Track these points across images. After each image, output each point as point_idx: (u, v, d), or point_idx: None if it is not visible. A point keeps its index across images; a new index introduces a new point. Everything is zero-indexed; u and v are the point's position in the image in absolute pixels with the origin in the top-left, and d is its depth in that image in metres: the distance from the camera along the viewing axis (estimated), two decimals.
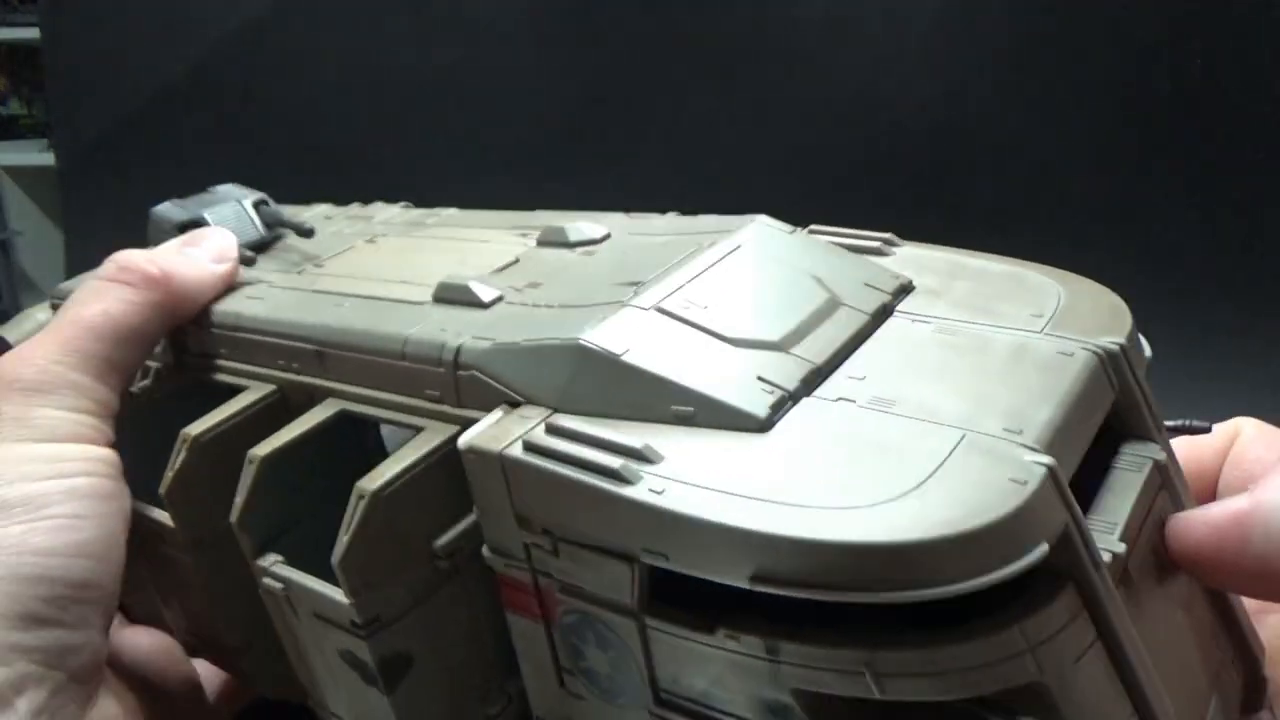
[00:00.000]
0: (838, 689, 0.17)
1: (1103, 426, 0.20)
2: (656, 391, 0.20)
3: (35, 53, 1.46)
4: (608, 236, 0.28)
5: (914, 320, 0.22)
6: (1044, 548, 0.16)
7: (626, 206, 0.31)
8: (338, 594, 0.22)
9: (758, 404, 0.19)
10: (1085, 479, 0.19)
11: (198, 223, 0.32)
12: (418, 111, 0.82)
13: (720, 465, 0.18)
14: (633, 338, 0.21)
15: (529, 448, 0.19)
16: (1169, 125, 0.68)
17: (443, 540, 0.22)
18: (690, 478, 0.18)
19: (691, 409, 0.19)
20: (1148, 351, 0.21)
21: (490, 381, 0.22)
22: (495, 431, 0.20)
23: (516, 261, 0.28)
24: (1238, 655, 0.21)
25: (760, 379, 0.20)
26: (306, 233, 0.33)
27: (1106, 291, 0.23)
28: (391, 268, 0.29)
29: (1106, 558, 0.17)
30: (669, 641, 0.19)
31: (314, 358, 0.26)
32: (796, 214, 0.27)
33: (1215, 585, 0.21)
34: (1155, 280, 0.69)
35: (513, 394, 0.21)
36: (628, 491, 0.18)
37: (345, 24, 0.83)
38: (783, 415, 0.19)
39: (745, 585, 0.17)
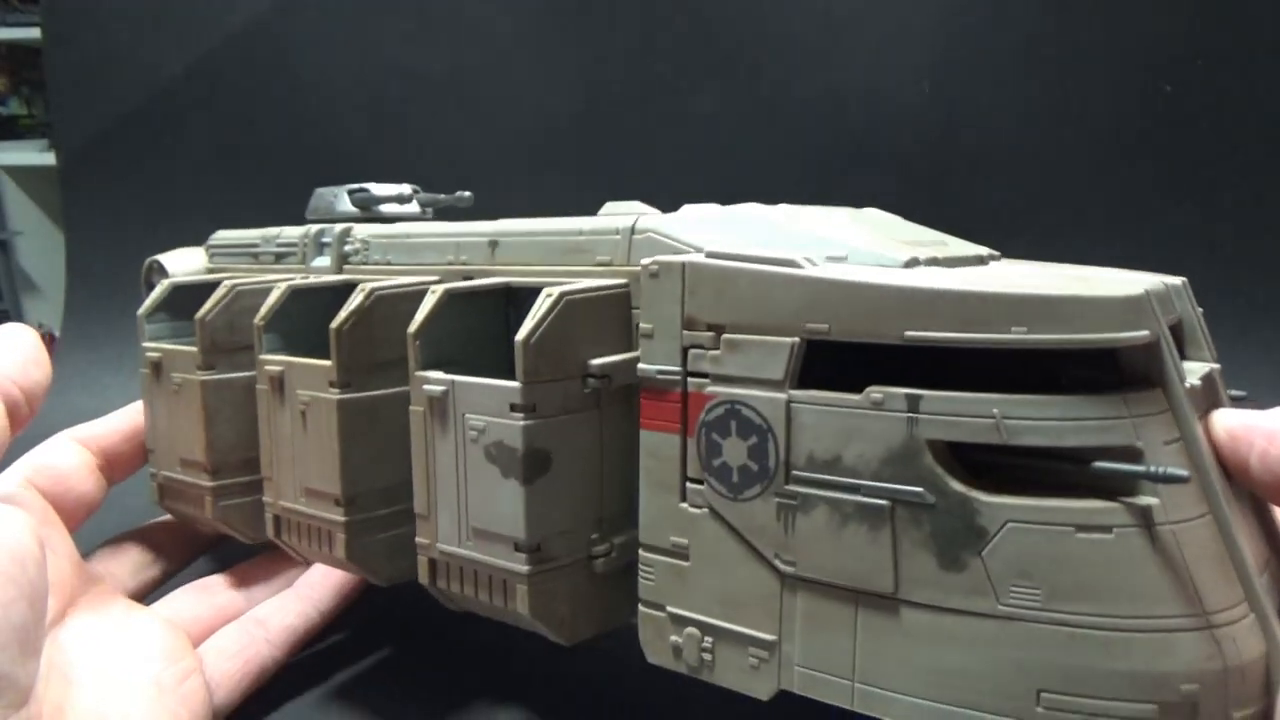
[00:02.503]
0: (969, 436, 0.20)
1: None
2: (813, 240, 0.25)
3: (35, 53, 1.46)
4: None
5: (1017, 262, 0.28)
6: (1145, 332, 0.19)
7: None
8: (507, 382, 0.26)
9: (897, 254, 0.24)
10: None
11: (365, 190, 0.41)
12: (418, 111, 0.82)
13: (870, 271, 0.22)
14: (793, 213, 0.26)
15: (711, 255, 0.24)
16: (1169, 125, 0.68)
17: (598, 361, 0.26)
18: (863, 274, 0.22)
19: (844, 254, 0.24)
20: (1199, 309, 0.25)
21: (664, 239, 0.27)
22: (677, 256, 0.25)
23: None
24: (1274, 555, 0.23)
25: (891, 246, 0.24)
26: (466, 199, 0.43)
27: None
28: None
29: (1188, 383, 0.20)
30: (813, 412, 0.22)
31: (486, 248, 0.32)
32: None
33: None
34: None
35: (684, 247, 0.27)
36: (798, 272, 0.22)
37: (345, 24, 0.83)
38: (917, 266, 0.23)
39: (899, 342, 0.20)
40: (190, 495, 0.37)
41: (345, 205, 0.41)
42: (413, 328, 0.28)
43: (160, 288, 0.39)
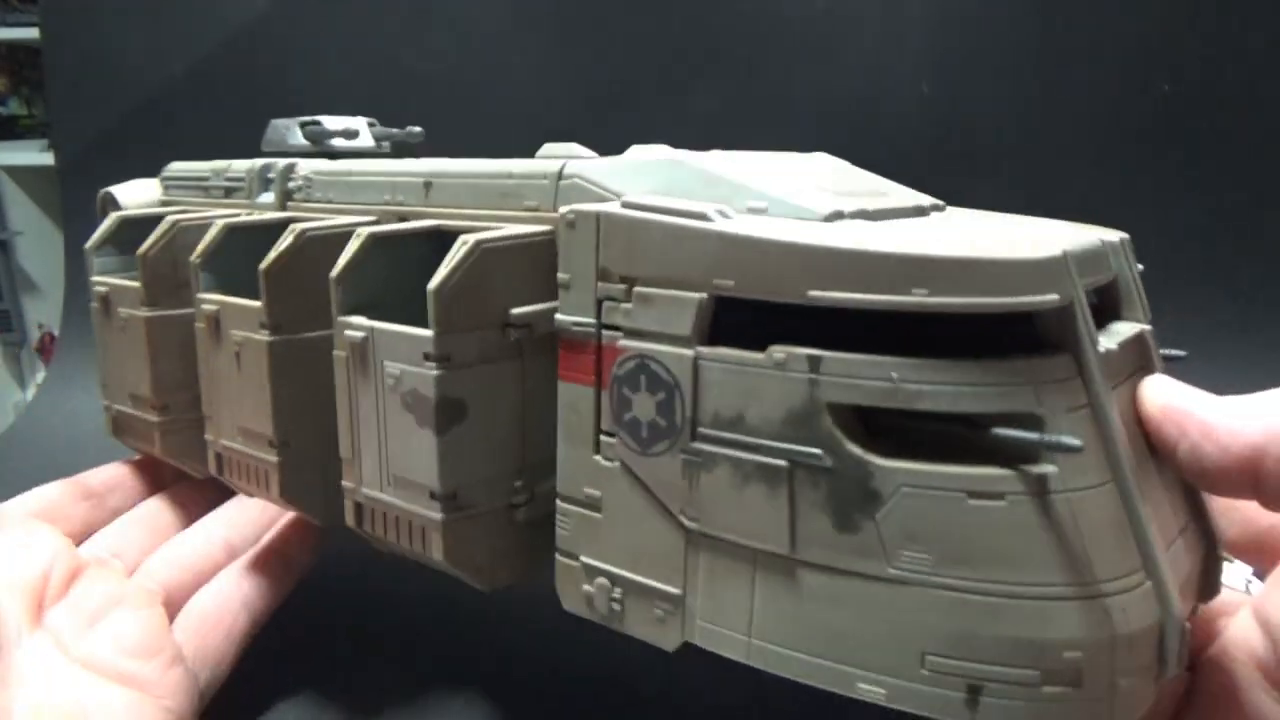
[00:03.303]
0: (866, 400, 0.20)
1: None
2: (733, 191, 0.24)
3: (35, 53, 1.46)
4: None
5: (961, 212, 0.27)
6: (1054, 296, 0.19)
7: None
8: (421, 331, 0.25)
9: (820, 206, 0.23)
10: None
11: (317, 123, 0.39)
12: (418, 111, 0.82)
13: (783, 226, 0.21)
14: (720, 161, 0.25)
15: (626, 205, 0.23)
16: (1169, 125, 0.68)
17: (519, 310, 0.26)
18: (770, 228, 0.21)
19: (765, 205, 0.23)
20: (1140, 266, 0.24)
21: (589, 186, 0.26)
22: (593, 206, 0.24)
23: None
24: (1197, 530, 0.23)
25: (819, 196, 0.24)
26: (417, 134, 0.42)
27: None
28: None
29: (1102, 349, 0.20)
30: (717, 370, 0.22)
31: (421, 189, 0.31)
32: None
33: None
34: (1155, 280, 0.69)
35: (609, 194, 0.26)
36: (706, 225, 0.22)
37: (345, 23, 0.83)
38: (839, 220, 0.23)
39: (803, 301, 0.20)
40: (140, 430, 0.38)
41: (297, 138, 0.40)
42: (335, 272, 0.28)
43: (108, 221, 0.39)
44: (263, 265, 0.30)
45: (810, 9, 0.73)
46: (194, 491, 0.40)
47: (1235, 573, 0.42)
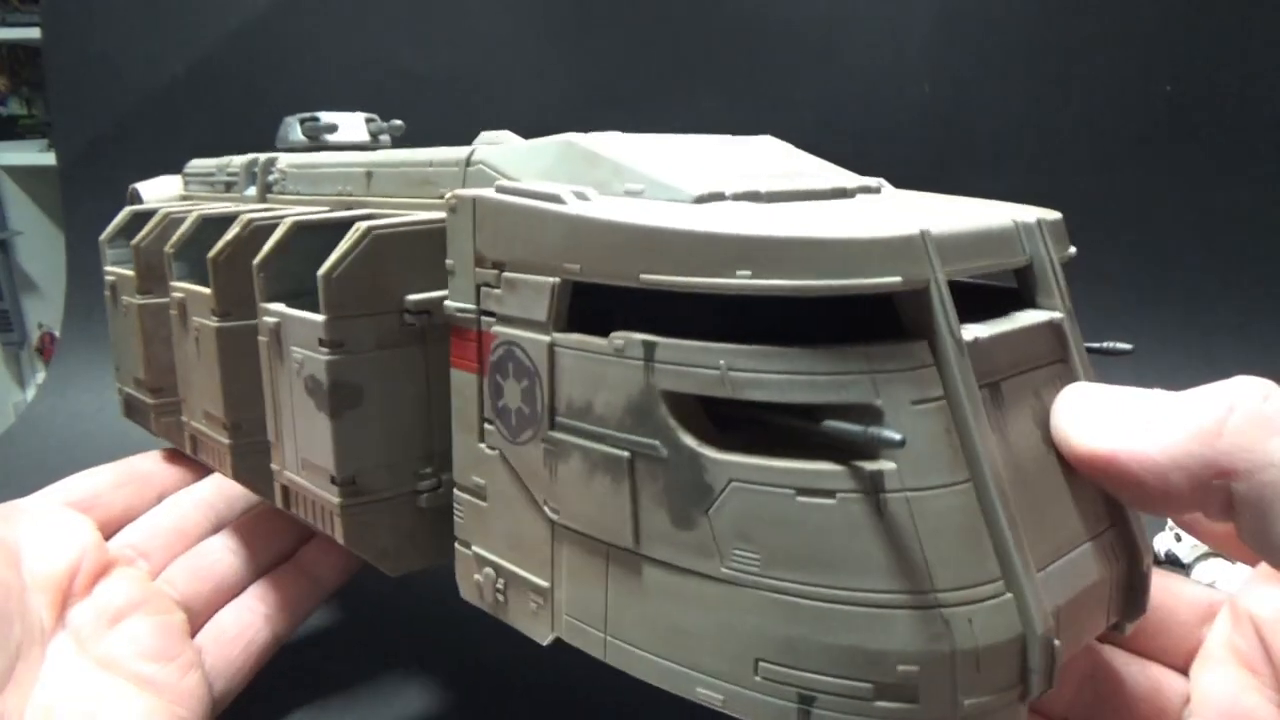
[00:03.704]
0: (697, 388, 0.19)
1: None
2: (614, 172, 0.23)
3: (35, 53, 1.46)
4: None
5: (890, 195, 0.26)
6: (896, 279, 0.17)
7: None
8: (316, 316, 0.25)
9: (693, 186, 0.22)
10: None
11: (314, 119, 0.41)
12: (418, 111, 0.82)
13: (650, 209, 0.20)
14: (610, 142, 0.25)
15: (498, 189, 0.23)
16: (1169, 125, 0.68)
17: (415, 297, 0.26)
18: (614, 210, 0.20)
19: (641, 187, 0.23)
20: (1072, 249, 0.23)
21: (490, 171, 0.26)
22: (472, 190, 0.24)
23: None
24: (1120, 540, 0.21)
25: (704, 177, 0.22)
26: (398, 127, 0.43)
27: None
28: None
29: (968, 337, 0.18)
30: (570, 357, 0.21)
31: (364, 178, 0.31)
32: None
33: None
34: (1154, 279, 0.69)
35: (508, 177, 0.25)
36: (556, 208, 0.21)
37: (345, 23, 0.83)
38: (714, 202, 0.22)
39: (636, 285, 0.19)
40: (141, 411, 0.40)
41: (296, 134, 0.41)
42: (257, 259, 0.28)
43: (121, 214, 0.41)
44: (210, 254, 0.31)
45: (812, 9, 0.73)
46: (229, 490, 0.39)
47: (1237, 575, 0.42)
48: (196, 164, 0.45)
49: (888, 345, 0.18)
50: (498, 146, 0.27)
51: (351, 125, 0.42)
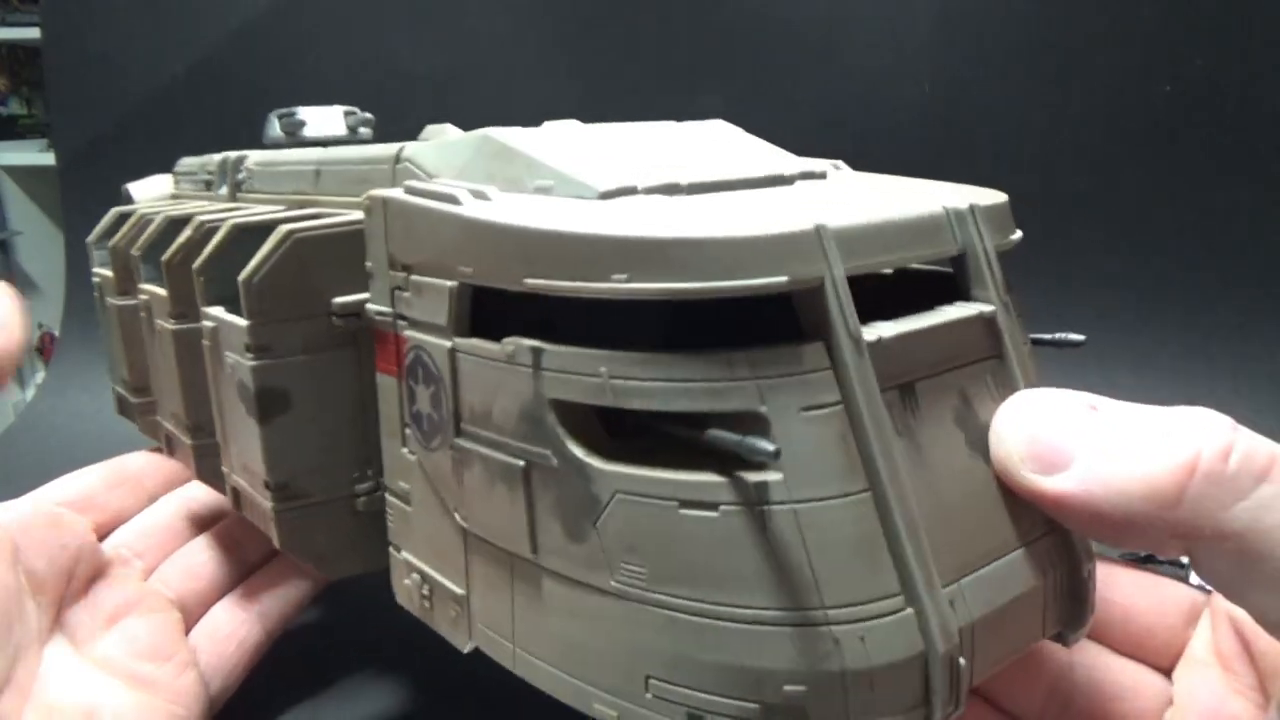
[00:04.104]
0: (582, 396, 0.18)
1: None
2: (526, 168, 0.23)
3: (35, 53, 1.46)
4: None
5: (814, 182, 0.24)
6: (782, 279, 0.17)
7: None
8: (241, 321, 0.25)
9: (601, 182, 0.21)
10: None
11: (293, 113, 0.40)
12: (418, 111, 0.81)
13: (543, 208, 0.20)
14: (526, 137, 0.24)
15: (407, 189, 0.22)
16: (1169, 125, 0.68)
17: (341, 299, 0.25)
18: (503, 211, 0.20)
19: (551, 183, 0.22)
20: (1017, 234, 0.22)
21: (415, 169, 0.26)
22: (385, 191, 0.23)
23: None
24: (1058, 547, 0.20)
25: (618, 172, 0.22)
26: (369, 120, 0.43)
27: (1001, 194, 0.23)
28: None
29: (870, 337, 0.17)
30: (470, 363, 0.21)
31: (313, 176, 0.31)
32: None
33: None
34: (1154, 279, 0.69)
35: (428, 174, 0.25)
36: (452, 209, 0.20)
37: (345, 23, 0.83)
38: (622, 196, 0.21)
39: (521, 289, 0.19)
40: (128, 409, 0.40)
41: (275, 130, 0.40)
42: (196, 263, 0.28)
43: (107, 216, 0.41)
44: (164, 257, 0.30)
45: (812, 9, 0.73)
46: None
47: None
48: (185, 162, 0.45)
49: (775, 349, 0.17)
50: (425, 143, 0.27)
51: (328, 119, 0.41)
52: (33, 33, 1.38)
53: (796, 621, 0.16)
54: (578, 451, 0.18)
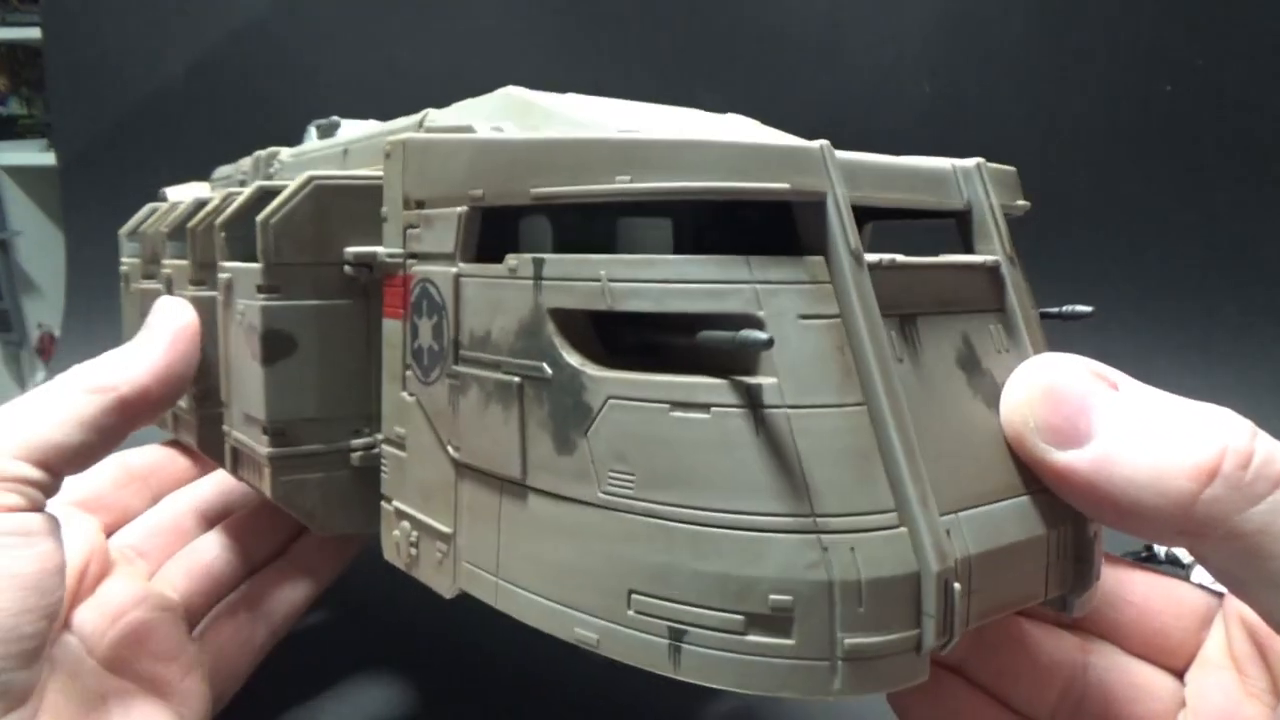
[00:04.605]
0: (580, 303, 0.18)
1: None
2: (545, 117, 0.23)
3: (35, 53, 1.46)
4: None
5: None
6: (784, 185, 0.17)
7: None
8: (257, 265, 0.26)
9: (615, 125, 0.22)
10: None
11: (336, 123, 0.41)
12: (418, 111, 0.81)
13: (552, 131, 0.21)
14: (549, 95, 0.25)
15: (426, 130, 0.24)
16: (1169, 125, 0.68)
17: (354, 249, 0.25)
18: (521, 133, 0.20)
19: (566, 130, 0.22)
20: (1023, 202, 0.23)
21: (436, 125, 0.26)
22: (406, 135, 0.24)
23: None
24: (1065, 505, 0.19)
25: (629, 123, 0.22)
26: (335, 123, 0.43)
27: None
28: None
29: (871, 258, 0.18)
30: (473, 286, 0.21)
31: (340, 157, 0.31)
32: None
33: None
34: (1154, 279, 0.69)
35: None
36: (464, 136, 0.21)
37: (345, 23, 0.83)
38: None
39: (529, 202, 0.19)
40: None
41: (312, 138, 0.42)
42: (220, 219, 0.28)
43: (142, 211, 0.43)
44: (190, 224, 0.31)
45: (812, 9, 0.73)
46: (225, 490, 0.39)
47: None
48: (220, 169, 0.47)
49: (775, 257, 0.17)
50: (446, 109, 0.27)
51: (365, 129, 0.43)
52: (33, 33, 1.38)
53: (785, 528, 0.16)
54: (573, 360, 0.18)
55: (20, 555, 0.24)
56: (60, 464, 0.26)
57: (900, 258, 0.18)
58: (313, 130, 0.41)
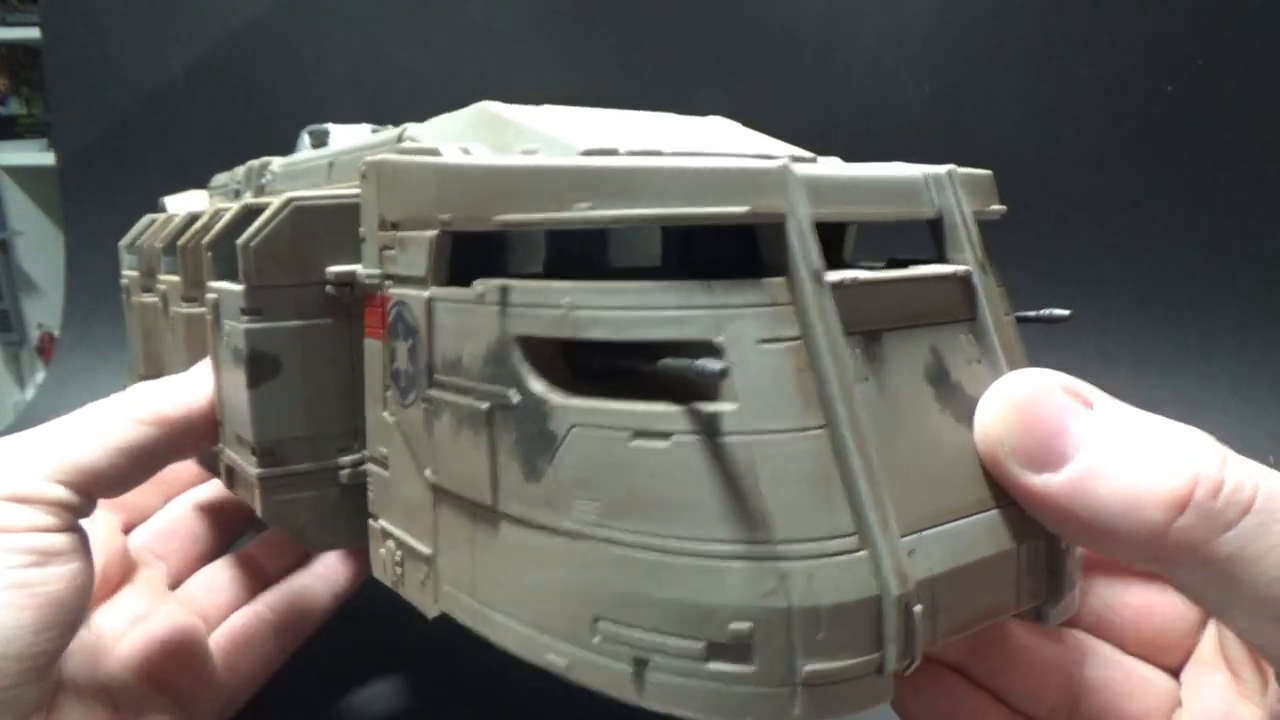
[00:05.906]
0: (544, 330, 0.18)
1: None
2: (515, 135, 0.23)
3: (35, 53, 1.46)
4: None
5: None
6: (743, 209, 0.17)
7: None
8: (239, 285, 0.26)
9: (584, 142, 0.21)
10: None
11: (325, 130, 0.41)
12: (419, 112, 0.81)
13: (517, 157, 0.21)
14: (519, 109, 0.24)
15: (399, 152, 0.23)
16: (1169, 125, 0.68)
17: (335, 268, 0.26)
18: (485, 158, 0.20)
19: (536, 147, 0.22)
20: (998, 206, 0.22)
21: (416, 145, 0.25)
22: (381, 155, 0.24)
23: None
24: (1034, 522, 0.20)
25: (601, 137, 0.22)
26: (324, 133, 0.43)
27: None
28: None
29: (834, 278, 0.18)
30: (445, 310, 0.21)
31: (326, 170, 0.31)
32: None
33: None
34: (1154, 279, 0.69)
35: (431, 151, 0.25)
36: (433, 160, 0.21)
37: (345, 24, 0.83)
38: (603, 155, 0.21)
39: (494, 228, 0.19)
40: None
41: (305, 145, 0.42)
42: (207, 238, 0.29)
43: (140, 222, 0.44)
44: (180, 242, 0.31)
45: (811, 9, 0.73)
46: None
47: None
48: (218, 177, 0.47)
49: (734, 281, 0.17)
50: (425, 122, 0.27)
51: (354, 136, 0.42)
52: (33, 33, 1.38)
53: (744, 555, 0.16)
54: (538, 387, 0.18)
55: (46, 574, 0.24)
56: (96, 488, 0.26)
57: (863, 274, 0.18)
58: (305, 137, 0.42)
